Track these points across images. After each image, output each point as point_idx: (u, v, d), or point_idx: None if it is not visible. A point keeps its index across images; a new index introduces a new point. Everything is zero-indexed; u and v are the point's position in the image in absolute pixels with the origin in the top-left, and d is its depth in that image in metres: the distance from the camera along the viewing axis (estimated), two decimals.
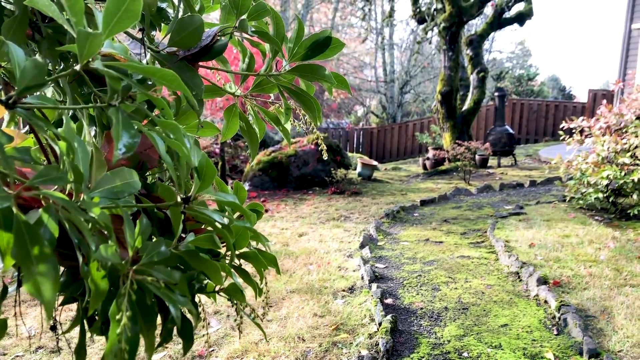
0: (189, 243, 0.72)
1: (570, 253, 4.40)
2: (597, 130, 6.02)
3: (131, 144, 0.54)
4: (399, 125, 19.03)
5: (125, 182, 0.59)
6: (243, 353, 3.07)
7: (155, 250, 0.64)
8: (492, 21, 11.51)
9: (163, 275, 0.63)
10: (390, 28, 23.95)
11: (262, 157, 8.42)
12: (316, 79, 1.04)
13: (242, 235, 0.91)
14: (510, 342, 3.00)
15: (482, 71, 11.21)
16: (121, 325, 0.56)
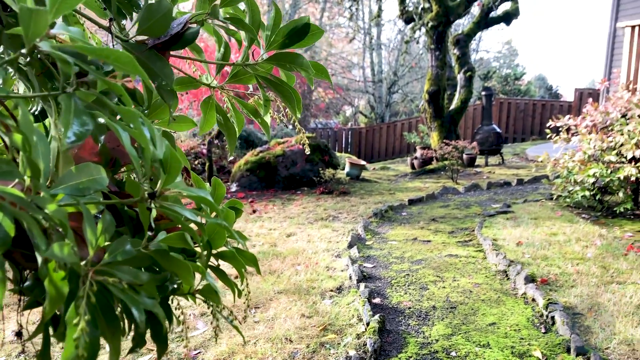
0: (160, 242, 0.69)
1: (557, 251, 4.40)
2: (583, 129, 6.05)
3: (82, 133, 0.51)
4: (387, 125, 19.05)
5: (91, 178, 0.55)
6: (230, 355, 3.04)
7: (119, 249, 0.60)
8: (478, 20, 11.54)
9: (128, 276, 0.60)
10: (378, 28, 23.97)
11: (250, 157, 8.37)
12: (294, 68, 1.01)
13: (217, 233, 0.87)
14: (499, 340, 2.99)
15: (469, 70, 11.24)
16: (79, 330, 0.53)
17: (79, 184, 0.55)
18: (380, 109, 24.22)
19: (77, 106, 0.52)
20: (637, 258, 4.14)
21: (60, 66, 0.52)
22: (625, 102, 5.54)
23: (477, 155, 10.82)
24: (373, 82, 24.55)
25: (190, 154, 9.08)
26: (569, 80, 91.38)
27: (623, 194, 5.40)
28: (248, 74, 1.04)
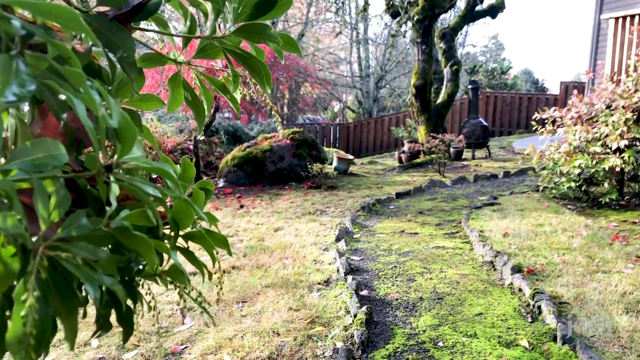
0: (122, 219, 0.67)
1: (543, 241, 4.43)
2: (568, 120, 6.08)
3: (22, 94, 0.49)
4: (375, 119, 19.05)
5: (48, 154, 0.53)
6: (217, 349, 3.02)
7: (73, 224, 0.58)
8: (464, 14, 11.56)
9: (85, 253, 0.58)
10: (364, 23, 23.95)
11: (237, 152, 8.33)
12: (263, 40, 0.98)
13: (184, 213, 0.84)
14: (485, 330, 3.00)
15: (456, 64, 11.27)
16: (26, 306, 0.51)
17: (35, 159, 0.53)
18: (367, 104, 24.23)
19: (18, 67, 0.49)
20: (622, 247, 4.17)
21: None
22: (610, 93, 5.57)
23: (464, 149, 10.86)
24: (360, 77, 24.55)
25: (177, 150, 9.02)
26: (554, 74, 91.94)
27: (608, 185, 5.44)
28: (215, 48, 1.01)
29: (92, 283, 0.59)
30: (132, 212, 0.69)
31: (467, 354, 2.74)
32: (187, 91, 1.08)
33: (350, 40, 25.09)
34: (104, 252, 0.61)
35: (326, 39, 29.63)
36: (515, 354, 2.74)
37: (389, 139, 18.45)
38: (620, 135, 5.28)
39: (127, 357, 3.03)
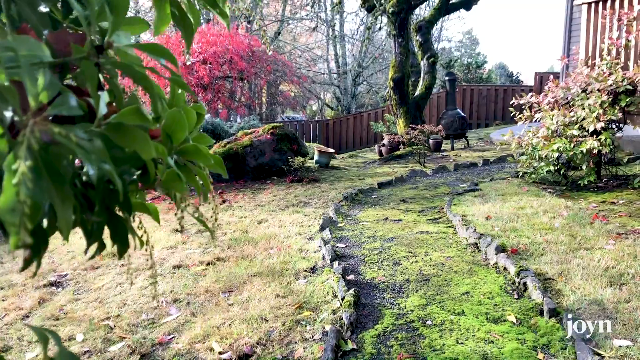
0: (114, 118, 0.64)
1: (526, 223, 4.47)
2: (545, 105, 6.15)
3: None
4: (354, 116, 19.09)
5: (31, 52, 0.51)
6: (205, 337, 2.99)
7: (64, 104, 0.55)
8: (439, 6, 11.64)
9: (80, 132, 0.55)
10: (340, 18, 23.98)
11: (217, 148, 8.26)
12: None
13: (178, 124, 0.79)
14: (473, 308, 3.02)
15: (432, 57, 11.34)
16: (19, 173, 0.48)
17: (19, 55, 0.50)
18: (346, 101, 24.27)
19: None
20: (602, 226, 4.23)
21: None
22: (585, 77, 5.65)
23: (443, 140, 10.94)
24: (338, 75, 24.58)
25: None
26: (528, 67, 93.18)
27: (586, 168, 5.51)
28: None
29: (89, 160, 0.56)
30: (125, 110, 0.65)
31: (455, 331, 2.76)
32: (174, 7, 1.02)
33: (327, 38, 25.11)
34: (98, 142, 0.58)
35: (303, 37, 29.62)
36: (503, 328, 2.76)
37: (368, 134, 18.49)
38: (597, 117, 5.36)
39: (113, 350, 2.99)
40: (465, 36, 40.75)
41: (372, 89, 26.93)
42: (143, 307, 3.54)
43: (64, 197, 0.57)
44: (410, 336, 2.73)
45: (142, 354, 2.91)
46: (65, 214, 0.58)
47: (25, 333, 3.37)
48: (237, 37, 7.37)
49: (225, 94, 7.23)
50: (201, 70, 6.32)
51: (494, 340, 2.64)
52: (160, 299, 3.63)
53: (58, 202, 0.57)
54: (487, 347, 2.56)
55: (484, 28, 61.06)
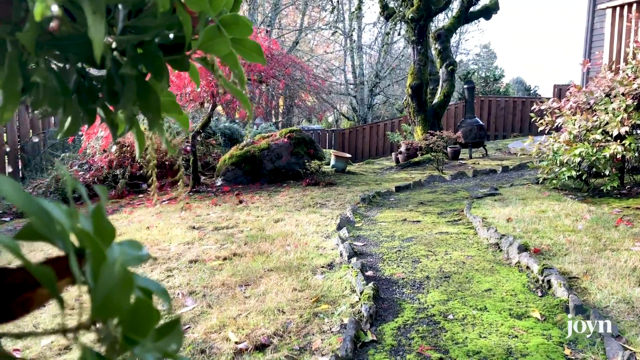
0: None
1: (548, 225, 4.38)
2: (567, 110, 6.07)
3: None
4: (370, 125, 19.05)
5: None
6: (221, 328, 2.94)
7: None
8: (459, 15, 11.60)
9: None
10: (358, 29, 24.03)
11: (235, 151, 8.26)
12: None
13: None
14: (495, 304, 2.94)
15: (451, 64, 11.28)
16: None
17: None
18: (362, 111, 24.23)
19: None
20: (627, 229, 4.12)
21: None
22: (609, 81, 5.56)
23: (461, 149, 10.85)
24: (355, 85, 24.57)
25: None
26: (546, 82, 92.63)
27: (609, 173, 5.41)
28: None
29: None
30: None
31: (478, 325, 2.68)
32: None
33: (344, 48, 25.16)
34: None
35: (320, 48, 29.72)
36: (528, 324, 2.68)
37: (384, 144, 18.41)
38: (621, 122, 5.26)
39: None
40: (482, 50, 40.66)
41: (389, 99, 26.88)
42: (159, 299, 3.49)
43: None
44: (432, 329, 2.66)
45: None
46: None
47: (40, 321, 3.35)
48: (257, 40, 7.38)
49: None
50: None
51: (518, 335, 2.56)
52: (176, 291, 3.60)
53: None
54: (511, 342, 2.49)
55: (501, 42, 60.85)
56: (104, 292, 0.45)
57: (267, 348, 2.66)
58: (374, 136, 18.70)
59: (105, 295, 0.45)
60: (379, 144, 18.57)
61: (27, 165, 9.95)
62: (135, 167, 8.44)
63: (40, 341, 3.06)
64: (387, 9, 11.65)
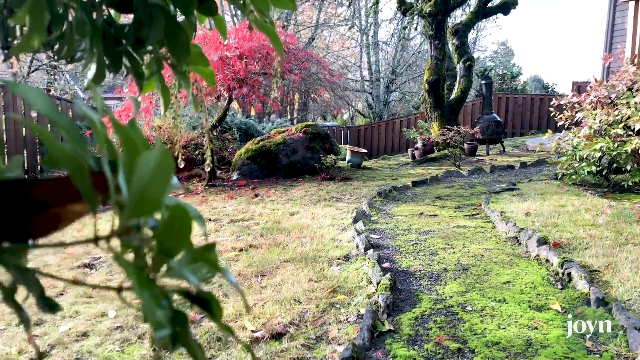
0: None
1: (567, 219, 4.31)
2: (588, 105, 5.97)
3: None
4: (386, 122, 18.96)
5: None
6: (237, 316, 2.94)
7: None
8: (477, 10, 11.48)
9: None
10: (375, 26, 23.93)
11: (251, 145, 8.26)
12: None
13: None
14: (515, 296, 2.90)
15: (469, 60, 11.17)
16: None
17: None
18: (378, 108, 24.14)
19: None
20: None
21: None
22: (632, 74, 5.46)
23: (478, 145, 10.75)
24: (371, 82, 24.48)
25: (190, 145, 8.98)
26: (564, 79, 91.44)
27: (631, 168, 5.31)
28: None
29: None
30: None
31: (497, 317, 2.64)
32: None
33: (360, 44, 25.07)
34: None
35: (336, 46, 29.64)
36: (548, 316, 2.63)
37: (400, 141, 18.30)
38: None
39: (144, 326, 2.95)
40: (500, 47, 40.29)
41: (405, 97, 26.75)
42: None
43: None
44: (450, 320, 2.63)
45: None
46: None
47: None
48: None
49: (261, 89, 7.23)
50: (237, 65, 6.33)
51: (537, 326, 2.52)
52: None
53: None
54: (530, 333, 2.45)
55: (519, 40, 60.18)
56: (141, 184, 0.42)
57: (283, 337, 2.65)
58: (389, 133, 18.61)
59: (141, 189, 0.42)
60: (395, 141, 18.47)
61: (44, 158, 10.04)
62: None
63: (59, 328, 3.08)
64: (404, 3, 11.57)
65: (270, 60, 6.74)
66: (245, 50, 6.75)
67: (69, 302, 3.43)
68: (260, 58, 6.81)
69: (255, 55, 6.74)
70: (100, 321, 3.11)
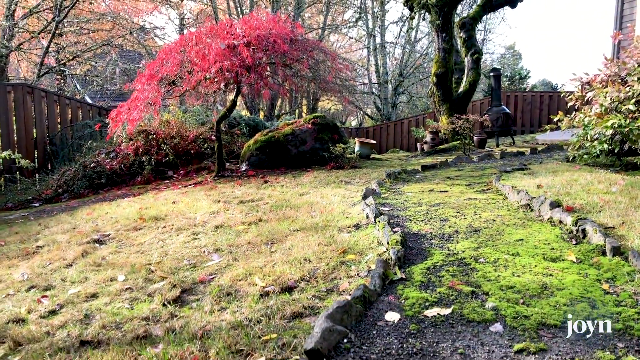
0: None
1: (580, 189, 4.25)
2: (598, 84, 5.91)
3: None
4: (395, 123, 18.94)
5: None
6: (247, 276, 2.91)
7: None
8: (484, 3, 11.45)
9: None
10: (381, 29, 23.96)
11: (259, 137, 8.25)
12: None
13: None
14: (528, 250, 2.85)
15: (477, 53, 11.13)
16: None
17: None
18: (386, 110, 24.09)
19: None
20: None
21: None
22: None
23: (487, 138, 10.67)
24: (378, 84, 24.47)
25: (199, 139, 8.99)
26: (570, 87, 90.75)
27: None
28: None
29: None
30: None
31: (511, 267, 2.60)
32: None
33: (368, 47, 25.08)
34: None
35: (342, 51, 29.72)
36: (563, 265, 2.59)
37: (408, 141, 18.25)
38: None
39: (154, 287, 2.94)
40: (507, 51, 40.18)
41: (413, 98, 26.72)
42: (184, 255, 3.49)
43: None
44: (463, 270, 2.59)
45: (183, 289, 2.85)
46: None
47: (67, 275, 3.37)
48: (280, 22, 7.39)
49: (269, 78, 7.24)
50: (244, 52, 6.34)
51: (553, 274, 2.47)
52: (202, 249, 3.58)
53: None
54: (546, 279, 2.40)
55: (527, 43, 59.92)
56: None
57: (293, 290, 2.62)
58: (398, 133, 18.57)
59: None
60: (403, 141, 18.42)
61: (55, 157, 10.11)
62: (161, 155, 8.50)
63: (68, 290, 3.07)
64: None
65: (278, 48, 6.74)
66: (253, 38, 6.75)
67: (78, 271, 3.42)
68: (267, 46, 6.80)
69: (263, 43, 6.74)
70: (110, 284, 3.09)
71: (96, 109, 11.71)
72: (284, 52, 6.81)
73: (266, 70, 7.09)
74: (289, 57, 6.97)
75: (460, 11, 21.27)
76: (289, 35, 7.15)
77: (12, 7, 12.97)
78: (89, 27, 17.17)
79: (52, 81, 18.98)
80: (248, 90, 7.43)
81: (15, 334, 2.43)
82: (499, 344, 1.83)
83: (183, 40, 7.19)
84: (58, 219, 5.47)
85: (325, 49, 8.12)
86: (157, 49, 17.27)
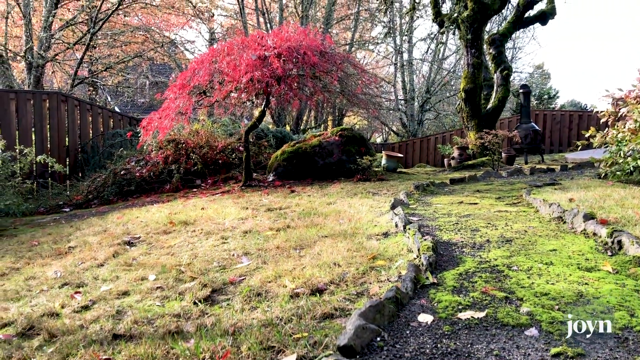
0: None
1: (614, 204, 4.17)
2: (632, 100, 5.83)
3: None
4: (421, 139, 18.89)
5: None
6: (276, 278, 2.92)
7: None
8: (514, 20, 11.41)
9: None
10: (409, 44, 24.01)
11: (287, 148, 8.31)
12: None
13: None
14: (562, 260, 2.80)
15: (506, 69, 11.07)
16: None
17: None
18: (412, 127, 24.04)
19: None
20: None
21: None
22: None
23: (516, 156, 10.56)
24: (405, 101, 24.46)
25: (227, 149, 9.09)
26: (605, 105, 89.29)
27: None
28: None
29: None
30: None
31: (545, 275, 2.56)
32: None
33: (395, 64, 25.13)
34: None
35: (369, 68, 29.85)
36: (599, 275, 2.54)
37: (435, 158, 18.16)
38: None
39: (185, 286, 2.96)
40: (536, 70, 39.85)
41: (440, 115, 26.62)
42: (214, 258, 3.52)
43: None
44: (495, 276, 2.56)
45: (213, 289, 2.87)
46: None
47: (99, 274, 3.42)
48: (310, 34, 7.47)
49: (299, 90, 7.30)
50: (275, 63, 6.41)
51: (588, 282, 2.42)
52: (232, 252, 3.61)
53: None
54: (581, 288, 2.35)
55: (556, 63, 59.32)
56: None
57: (323, 292, 2.62)
58: (424, 149, 18.50)
59: None
60: (429, 158, 18.33)
61: (86, 164, 10.31)
62: (190, 164, 8.61)
63: (100, 288, 3.11)
64: (440, 15, 11.60)
65: (308, 60, 6.80)
66: (284, 49, 6.83)
67: (109, 270, 3.47)
68: (297, 57, 6.87)
69: (293, 55, 6.81)
70: (141, 283, 3.13)
71: (127, 119, 11.94)
72: (314, 64, 6.87)
73: (296, 82, 7.14)
74: (318, 69, 7.03)
75: (490, 29, 21.19)
76: (319, 48, 7.23)
77: (49, 19, 13.33)
78: (122, 40, 17.58)
79: (84, 92, 19.41)
80: (277, 102, 7.49)
81: (50, 326, 2.47)
82: (534, 348, 1.80)
83: (215, 51, 7.32)
84: (89, 222, 5.56)
85: (354, 62, 8.18)
86: (186, 62, 17.60)
